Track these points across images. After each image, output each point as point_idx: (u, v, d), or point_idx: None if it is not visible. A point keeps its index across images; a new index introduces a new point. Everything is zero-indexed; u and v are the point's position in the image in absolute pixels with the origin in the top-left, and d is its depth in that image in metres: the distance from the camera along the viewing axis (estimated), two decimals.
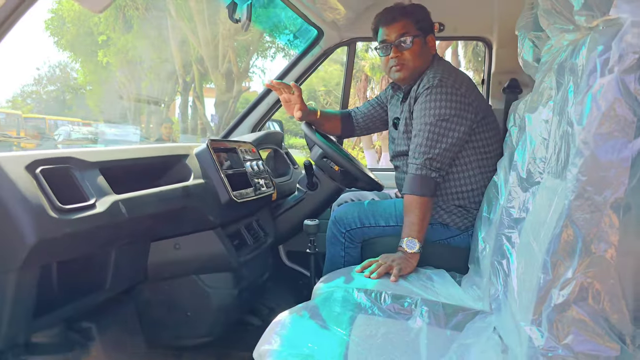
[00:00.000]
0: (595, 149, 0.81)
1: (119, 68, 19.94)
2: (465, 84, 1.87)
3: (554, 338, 0.87)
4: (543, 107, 1.24)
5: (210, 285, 1.69)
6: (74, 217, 1.07)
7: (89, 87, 24.70)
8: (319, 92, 20.44)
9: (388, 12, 1.99)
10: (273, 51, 19.59)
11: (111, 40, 18.81)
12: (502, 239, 1.33)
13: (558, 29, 1.15)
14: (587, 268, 0.82)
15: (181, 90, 19.36)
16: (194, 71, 18.03)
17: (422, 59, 1.96)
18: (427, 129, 1.81)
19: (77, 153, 1.19)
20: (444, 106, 1.79)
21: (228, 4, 1.86)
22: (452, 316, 1.35)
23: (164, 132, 10.62)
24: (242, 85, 17.62)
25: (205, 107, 18.69)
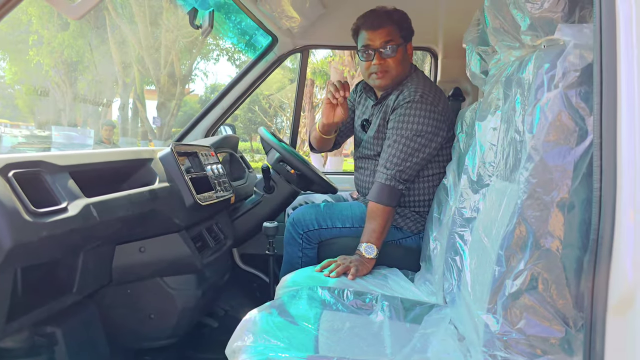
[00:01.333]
0: (544, 155, 0.92)
1: (53, 67, 19.08)
2: (442, 100, 1.92)
3: (508, 323, 0.97)
4: (491, 116, 1.36)
5: (174, 287, 1.70)
6: (48, 221, 1.08)
7: (17, 86, 23.44)
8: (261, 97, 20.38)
9: (374, 17, 1.95)
10: (216, 54, 19.40)
11: (45, 39, 17.97)
12: (454, 237, 1.44)
13: (505, 46, 1.27)
14: (537, 260, 0.93)
15: (120, 92, 18.76)
16: (134, 72, 17.53)
17: (404, 67, 1.98)
18: (402, 141, 1.85)
19: (48, 157, 1.19)
20: (422, 122, 1.84)
21: (189, 10, 1.89)
22: (410, 310, 1.45)
23: (104, 134, 10.27)
24: (185, 88, 17.32)
25: (146, 109, 18.22)
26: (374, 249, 1.83)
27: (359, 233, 2.07)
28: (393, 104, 1.94)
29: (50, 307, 1.24)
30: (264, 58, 2.83)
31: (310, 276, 1.73)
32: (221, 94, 2.87)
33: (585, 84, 0.90)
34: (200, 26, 1.91)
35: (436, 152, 1.94)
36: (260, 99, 22.48)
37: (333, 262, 1.79)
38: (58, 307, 1.28)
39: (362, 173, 2.14)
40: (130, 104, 19.04)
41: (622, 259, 0.79)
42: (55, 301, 1.26)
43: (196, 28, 1.92)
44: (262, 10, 2.31)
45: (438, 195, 1.89)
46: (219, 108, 2.86)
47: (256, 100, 22.98)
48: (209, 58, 19.84)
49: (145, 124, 17.78)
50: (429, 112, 1.85)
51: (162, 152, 1.68)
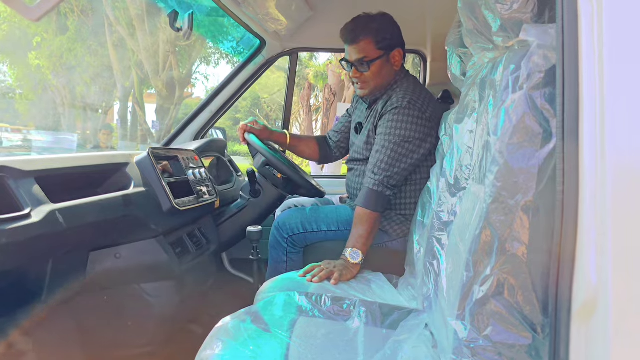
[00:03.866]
0: (508, 158, 0.90)
1: (53, 72, 19.10)
2: (431, 106, 1.91)
3: (475, 330, 0.95)
4: (468, 118, 1.34)
5: (151, 294, 1.68)
6: (7, 228, 1.05)
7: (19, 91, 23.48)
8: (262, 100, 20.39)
9: (350, 30, 1.96)
10: (217, 57, 19.41)
11: (45, 43, 18.01)
12: (433, 241, 1.42)
13: (480, 47, 1.25)
14: (502, 265, 0.91)
15: (120, 96, 18.78)
16: (133, 76, 17.55)
17: (383, 77, 1.98)
18: (390, 147, 1.85)
19: (11, 162, 1.17)
20: (409, 128, 1.84)
21: (169, 12, 1.87)
22: (388, 315, 1.43)
23: (101, 139, 10.29)
24: (185, 91, 17.34)
25: (145, 113, 18.23)
26: (359, 254, 1.82)
27: (344, 236, 2.06)
28: (381, 109, 1.95)
29: (17, 315, 1.22)
30: (252, 61, 2.83)
31: (291, 282, 1.71)
32: (210, 98, 2.86)
33: (549, 85, 0.88)
34: (180, 29, 1.89)
35: (424, 157, 1.93)
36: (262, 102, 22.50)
37: (317, 266, 1.77)
38: (26, 316, 1.26)
39: (353, 174, 2.15)
40: (130, 107, 19.06)
41: (585, 263, 0.77)
42: (22, 309, 1.23)
43: (177, 31, 1.90)
44: (247, 13, 2.30)
45: (422, 198, 1.87)
46: (208, 111, 2.85)
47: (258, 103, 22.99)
48: (209, 62, 19.88)
49: (144, 128, 17.79)
50: (416, 119, 1.85)
51: (138, 156, 1.67)
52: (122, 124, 19.32)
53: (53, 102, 20.68)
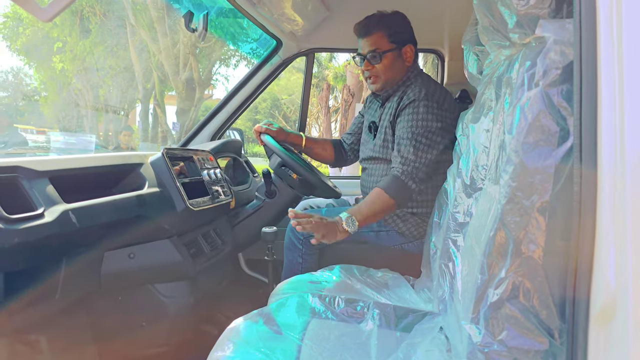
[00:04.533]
0: (524, 157, 0.87)
1: (76, 74, 19.45)
2: (448, 100, 1.92)
3: (489, 334, 0.92)
4: (484, 118, 1.31)
5: (165, 294, 1.68)
6: (21, 227, 1.06)
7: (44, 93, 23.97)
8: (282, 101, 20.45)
9: (364, 24, 2.01)
10: (236, 59, 19.54)
11: (68, 46, 18.35)
12: (448, 243, 1.39)
13: (496, 45, 1.22)
14: (518, 268, 0.89)
15: (141, 98, 19.03)
16: (154, 78, 17.77)
17: (395, 71, 2.00)
18: (415, 138, 1.84)
19: (25, 162, 1.18)
20: (431, 119, 1.84)
21: (184, 13, 1.88)
22: (403, 318, 1.40)
23: (122, 140, 10.41)
24: (205, 93, 17.48)
25: (166, 115, 18.44)
26: (355, 225, 1.76)
27: (360, 237, 2.05)
28: (397, 105, 1.95)
29: (30, 314, 1.23)
30: (269, 61, 2.82)
31: (305, 283, 1.70)
32: (226, 98, 2.86)
33: (567, 82, 0.85)
34: (195, 29, 1.90)
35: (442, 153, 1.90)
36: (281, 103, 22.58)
37: (308, 216, 1.71)
38: (40, 314, 1.27)
39: (368, 174, 2.14)
40: (151, 109, 19.30)
41: (604, 266, 0.74)
42: (35, 308, 1.24)
43: (192, 31, 1.91)
44: (262, 13, 2.29)
45: (439, 199, 1.84)
46: (225, 112, 2.85)
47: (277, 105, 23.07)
48: (228, 63, 20.02)
49: (165, 129, 17.99)
50: (436, 109, 1.85)
51: (153, 157, 1.67)
52: (143, 125, 19.57)
53: (76, 104, 21.06)
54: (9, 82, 30.82)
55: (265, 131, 2.19)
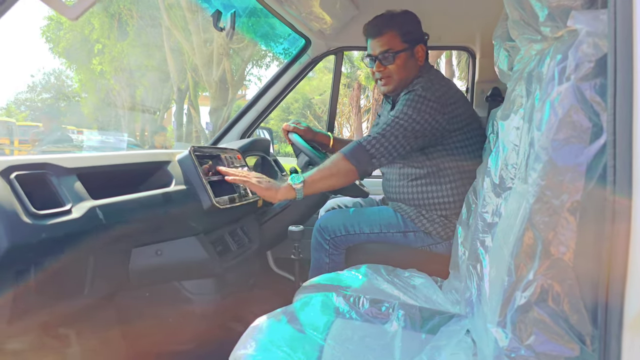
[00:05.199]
0: (553, 154, 0.84)
1: (114, 76, 19.95)
2: (447, 95, 1.87)
3: (517, 339, 0.89)
4: (514, 115, 1.27)
5: (192, 291, 1.69)
6: (49, 223, 1.08)
7: (84, 94, 24.71)
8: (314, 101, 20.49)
9: (374, 24, 1.98)
10: (268, 60, 19.69)
11: (106, 48, 18.85)
12: (476, 244, 1.35)
13: (527, 39, 1.18)
14: (546, 270, 0.85)
15: (176, 98, 19.38)
16: (188, 79, 18.07)
17: (407, 71, 1.97)
18: (393, 121, 1.80)
19: (54, 159, 1.21)
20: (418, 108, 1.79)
21: (212, 12, 1.89)
22: (429, 320, 1.37)
23: (157, 140, 10.63)
24: (237, 93, 17.67)
25: (200, 115, 18.72)
26: (300, 185, 1.70)
27: (387, 238, 2.03)
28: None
29: (58, 309, 1.25)
30: (297, 60, 2.82)
31: (330, 282, 1.68)
32: (255, 97, 2.87)
33: (600, 76, 0.81)
34: (223, 28, 1.91)
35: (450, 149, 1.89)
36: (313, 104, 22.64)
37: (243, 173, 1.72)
38: (68, 310, 1.29)
39: (386, 179, 2.14)
40: (185, 109, 19.64)
41: (639, 270, 0.70)
42: (63, 303, 1.27)
43: (220, 30, 1.92)
44: (290, 12, 2.29)
45: (468, 198, 1.80)
46: (254, 111, 2.86)
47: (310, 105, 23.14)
48: (260, 64, 20.18)
49: (199, 129, 18.28)
50: (427, 100, 1.80)
51: (180, 154, 1.68)
52: (177, 125, 19.94)
53: (114, 104, 21.61)
54: (51, 84, 31.91)
55: (293, 130, 2.19)
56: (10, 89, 72.63)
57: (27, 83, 41.92)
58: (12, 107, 32.88)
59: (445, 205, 1.96)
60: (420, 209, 1.99)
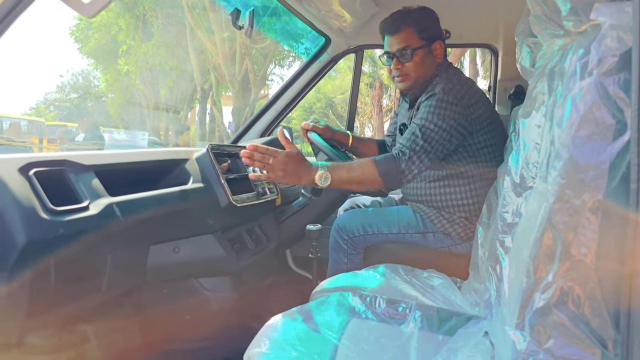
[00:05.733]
0: (574, 152, 0.81)
1: (139, 76, 20.24)
2: (470, 94, 1.83)
3: (535, 342, 0.86)
4: (536, 112, 1.24)
5: (209, 289, 1.70)
6: (66, 219, 1.09)
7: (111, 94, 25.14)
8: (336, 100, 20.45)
9: (391, 21, 1.95)
10: (290, 59, 19.74)
11: (132, 49, 19.14)
12: (496, 244, 1.32)
13: (549, 34, 1.15)
14: (567, 272, 0.82)
15: (199, 98, 19.58)
16: (211, 79, 18.23)
17: (425, 68, 1.93)
18: (420, 130, 1.76)
19: (73, 156, 1.22)
20: (441, 115, 1.75)
21: (231, 11, 1.89)
22: (446, 321, 1.35)
23: (180, 139, 10.76)
24: (260, 93, 17.77)
25: (222, 115, 18.88)
26: (327, 183, 1.63)
27: (405, 239, 2.00)
28: (418, 104, 1.90)
29: (76, 305, 1.27)
30: (317, 59, 2.80)
31: (347, 282, 1.67)
32: (275, 96, 2.87)
33: (624, 71, 0.78)
34: (242, 26, 1.91)
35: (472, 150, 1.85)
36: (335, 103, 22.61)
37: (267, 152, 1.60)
38: (86, 306, 1.30)
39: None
40: (208, 109, 19.82)
41: None
42: (81, 300, 1.28)
43: (239, 29, 1.92)
44: (309, 10, 2.28)
45: (489, 198, 1.77)
46: (273, 110, 2.86)
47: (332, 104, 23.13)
48: (283, 64, 20.24)
49: (222, 129, 18.43)
50: (450, 105, 1.76)
51: (198, 152, 1.69)
52: (200, 124, 20.12)
53: (139, 104, 21.93)
54: (79, 84, 32.56)
55: (312, 129, 2.18)
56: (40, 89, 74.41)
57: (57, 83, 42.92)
58: (41, 107, 33.67)
59: (466, 207, 1.93)
60: (441, 210, 1.96)
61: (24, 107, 47.91)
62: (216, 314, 1.72)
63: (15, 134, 12.18)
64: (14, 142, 4.76)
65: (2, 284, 1.02)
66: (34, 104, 34.63)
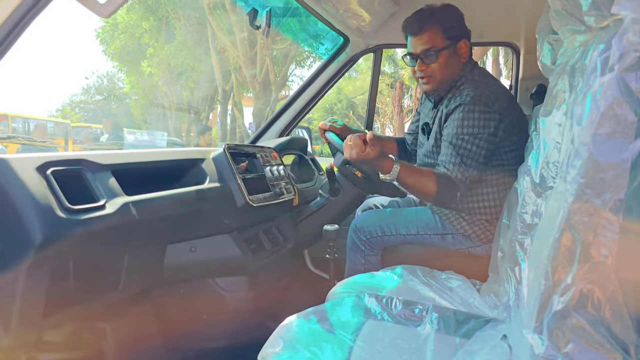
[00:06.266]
0: (594, 150, 0.78)
1: (161, 77, 20.49)
2: (500, 98, 1.80)
3: (553, 346, 0.84)
4: (557, 111, 1.21)
5: (225, 288, 1.70)
6: (82, 218, 1.10)
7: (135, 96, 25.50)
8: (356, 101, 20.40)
9: (415, 20, 1.89)
10: (311, 60, 19.77)
11: (154, 50, 19.40)
12: (515, 246, 1.30)
13: (569, 30, 1.12)
14: (586, 274, 0.80)
15: (220, 99, 19.74)
16: (232, 80, 18.36)
17: (451, 69, 1.88)
18: (458, 144, 1.76)
19: (90, 155, 1.23)
20: (476, 125, 1.74)
21: (248, 11, 1.90)
22: (463, 323, 1.32)
23: (202, 140, 10.87)
24: (280, 94, 17.83)
25: (243, 116, 18.99)
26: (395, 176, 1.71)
27: (424, 240, 1.98)
28: (446, 109, 1.84)
29: (93, 303, 1.28)
30: (336, 59, 2.79)
31: (364, 283, 1.65)
32: (293, 97, 2.87)
33: None
34: (259, 26, 1.91)
35: (501, 154, 1.81)
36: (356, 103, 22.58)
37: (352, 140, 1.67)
38: (103, 304, 1.31)
39: None
40: (229, 110, 19.96)
41: None
42: (99, 298, 1.29)
43: (256, 28, 1.92)
44: (327, 9, 2.27)
45: (509, 199, 1.73)
46: (292, 110, 2.86)
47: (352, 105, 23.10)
48: (303, 64, 20.29)
49: (242, 130, 18.54)
50: (482, 113, 1.74)
51: (215, 152, 1.69)
52: (222, 125, 20.28)
53: (162, 106, 22.20)
54: (104, 86, 33.11)
55: (330, 128, 2.17)
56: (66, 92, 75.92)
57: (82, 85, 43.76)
58: (67, 109, 34.33)
59: (487, 210, 1.89)
60: (460, 211, 1.93)
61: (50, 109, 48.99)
62: (232, 313, 1.72)
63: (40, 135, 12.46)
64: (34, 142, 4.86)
65: (19, 281, 1.03)
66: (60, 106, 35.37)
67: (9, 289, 1.03)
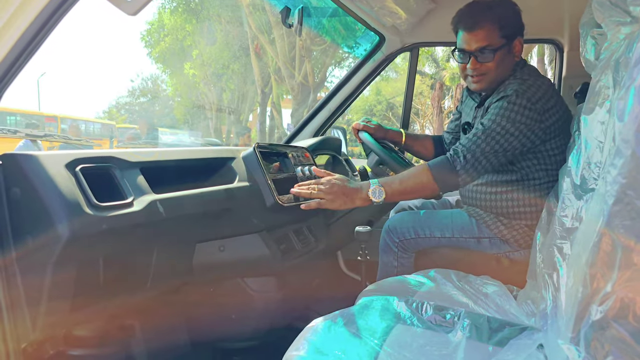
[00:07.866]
0: (637, 148, 0.73)
1: (203, 79, 20.88)
2: (546, 96, 1.69)
3: (591, 358, 0.78)
4: (600, 108, 1.14)
5: (254, 288, 1.69)
6: (110, 215, 1.11)
7: (178, 98, 26.09)
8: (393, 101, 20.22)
9: (470, 14, 1.77)
10: (349, 61, 19.74)
11: (196, 53, 19.80)
12: (553, 250, 1.23)
13: (614, 22, 1.05)
14: (627, 282, 0.74)
15: (260, 101, 19.96)
16: (271, 82, 18.52)
17: (504, 68, 1.78)
18: (485, 132, 1.67)
19: (119, 153, 1.24)
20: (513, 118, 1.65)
21: (281, 9, 1.89)
22: (497, 331, 1.26)
23: (241, 140, 11.01)
24: (318, 95, 17.87)
25: (282, 117, 19.14)
26: (382, 197, 1.61)
27: (459, 243, 1.93)
28: (488, 104, 1.78)
29: (121, 300, 1.29)
30: (371, 58, 2.75)
31: (396, 285, 1.61)
32: (328, 96, 2.85)
33: None
34: (292, 25, 1.90)
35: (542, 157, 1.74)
36: (396, 105, 22.42)
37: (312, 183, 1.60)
38: (131, 301, 1.32)
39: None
40: (269, 112, 20.16)
41: None
42: (126, 295, 1.30)
43: (289, 27, 1.91)
44: (362, 7, 2.23)
45: (549, 202, 1.66)
46: (326, 110, 2.84)
47: (392, 106, 22.94)
48: (342, 65, 20.27)
49: (281, 131, 18.69)
50: (522, 108, 1.64)
51: (245, 151, 1.69)
52: (261, 126, 20.49)
53: (203, 107, 22.65)
54: (148, 88, 34.07)
55: (363, 128, 2.13)
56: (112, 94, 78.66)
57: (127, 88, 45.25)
58: (113, 111, 35.47)
59: (527, 215, 1.81)
60: (499, 215, 1.86)
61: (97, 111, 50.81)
62: (261, 313, 1.71)
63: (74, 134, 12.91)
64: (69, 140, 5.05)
65: (47, 276, 1.05)
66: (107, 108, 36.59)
67: (37, 283, 1.05)
